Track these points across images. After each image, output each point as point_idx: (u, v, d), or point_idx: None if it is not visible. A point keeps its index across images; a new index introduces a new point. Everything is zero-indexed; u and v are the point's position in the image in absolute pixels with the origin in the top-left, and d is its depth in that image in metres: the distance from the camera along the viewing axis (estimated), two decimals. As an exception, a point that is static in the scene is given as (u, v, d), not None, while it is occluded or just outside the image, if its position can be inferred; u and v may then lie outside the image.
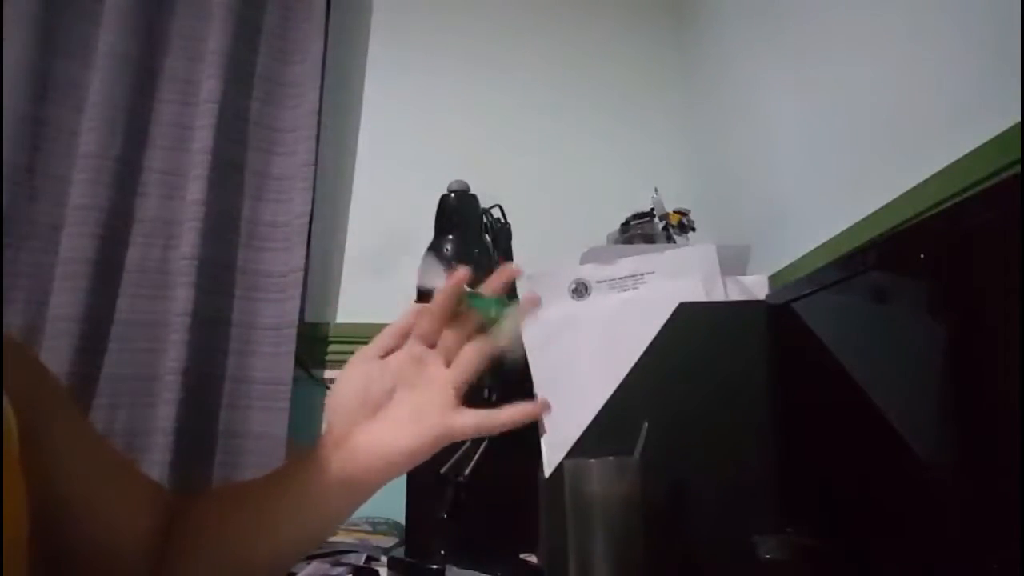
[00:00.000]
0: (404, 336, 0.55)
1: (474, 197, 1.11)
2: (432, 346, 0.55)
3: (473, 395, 0.57)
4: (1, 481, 0.39)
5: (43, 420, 0.48)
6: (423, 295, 0.58)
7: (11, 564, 0.41)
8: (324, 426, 0.53)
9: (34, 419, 0.46)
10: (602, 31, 1.64)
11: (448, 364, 0.54)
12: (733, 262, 0.85)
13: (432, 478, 0.89)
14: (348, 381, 0.53)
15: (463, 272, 0.54)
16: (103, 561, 0.52)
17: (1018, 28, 0.60)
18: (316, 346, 1.41)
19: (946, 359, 0.52)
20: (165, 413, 1.21)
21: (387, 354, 0.54)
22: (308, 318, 1.41)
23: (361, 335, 1.41)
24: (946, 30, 0.74)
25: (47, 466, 0.47)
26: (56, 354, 1.18)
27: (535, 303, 0.55)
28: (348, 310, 1.47)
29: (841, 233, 0.92)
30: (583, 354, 0.80)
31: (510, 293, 0.59)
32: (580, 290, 0.84)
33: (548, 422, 0.81)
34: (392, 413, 0.51)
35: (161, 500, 0.58)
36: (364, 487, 0.51)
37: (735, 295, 0.81)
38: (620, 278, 0.83)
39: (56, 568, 0.49)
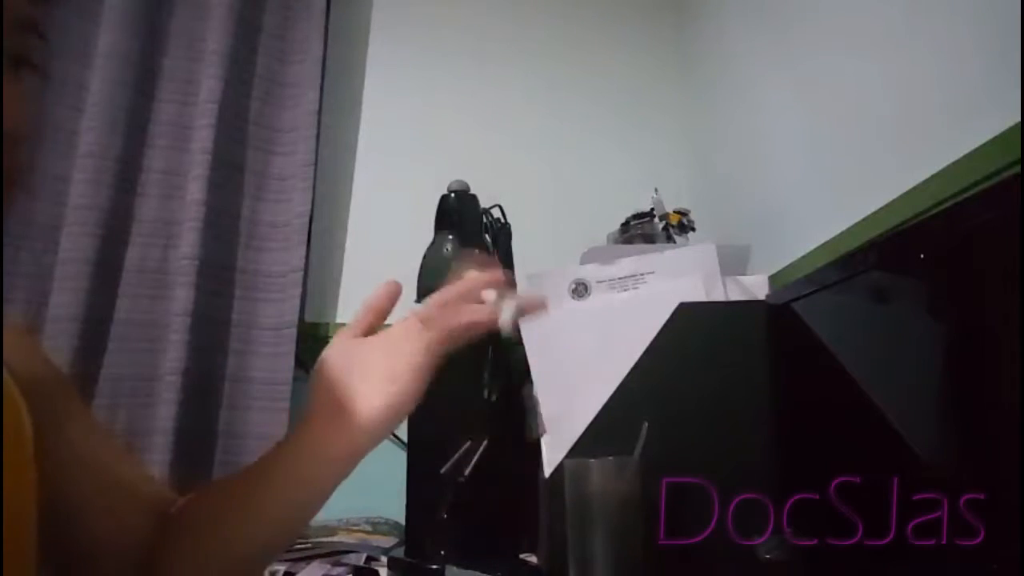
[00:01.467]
0: (382, 315, 0.56)
1: (474, 197, 1.11)
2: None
3: (473, 395, 0.57)
4: (1, 478, 0.39)
5: (48, 413, 0.48)
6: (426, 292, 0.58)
7: (21, 564, 0.41)
8: (309, 403, 0.53)
9: (40, 412, 0.46)
10: (602, 31, 1.64)
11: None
12: (733, 262, 0.85)
13: (432, 478, 0.89)
14: (329, 357, 0.53)
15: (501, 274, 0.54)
16: (101, 559, 0.52)
17: (1018, 28, 0.60)
18: (316, 346, 1.40)
19: (946, 359, 0.52)
20: (165, 413, 1.21)
21: (367, 332, 0.55)
22: (308, 318, 1.41)
23: (361, 335, 1.42)
24: (947, 30, 0.74)
25: (49, 461, 0.47)
26: (56, 354, 1.18)
27: (541, 305, 0.54)
28: (348, 310, 1.47)
29: (841, 233, 0.92)
30: (583, 354, 0.80)
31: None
32: (580, 290, 0.84)
33: (548, 422, 0.81)
34: (368, 376, 0.51)
35: (161, 499, 0.58)
36: (346, 456, 0.50)
37: (735, 295, 0.81)
38: (620, 278, 0.83)
39: (54, 566, 0.49)
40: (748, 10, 1.28)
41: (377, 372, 0.51)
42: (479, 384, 0.93)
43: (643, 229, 1.14)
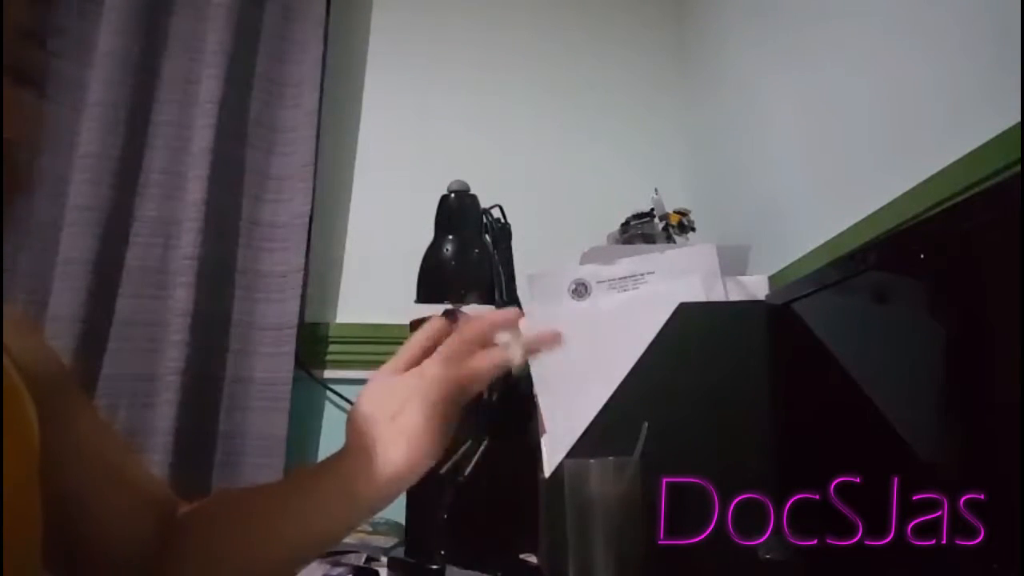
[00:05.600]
0: (427, 351, 0.53)
1: (474, 197, 1.11)
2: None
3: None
4: (2, 476, 0.39)
5: (53, 407, 0.48)
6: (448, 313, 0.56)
7: (26, 565, 0.41)
8: (345, 439, 0.52)
9: (46, 406, 0.46)
10: (602, 32, 1.64)
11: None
12: (733, 262, 0.84)
13: (432, 478, 0.89)
14: (366, 395, 0.52)
15: (514, 313, 0.53)
16: (100, 558, 0.52)
17: (1018, 28, 0.60)
18: (316, 346, 1.41)
19: (946, 359, 0.52)
20: (165, 413, 1.21)
21: (409, 367, 0.53)
22: (308, 318, 1.41)
23: (361, 335, 1.42)
24: (946, 30, 0.74)
25: (54, 455, 0.47)
26: (56, 354, 1.18)
27: (554, 340, 0.53)
28: (348, 310, 1.47)
29: (841, 233, 0.91)
30: (583, 354, 0.80)
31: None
32: (580, 290, 0.84)
33: (548, 422, 0.81)
34: (398, 428, 0.50)
35: (162, 498, 0.58)
36: (367, 502, 0.50)
37: (735, 295, 0.81)
38: (620, 278, 0.83)
39: (57, 563, 0.49)
40: (748, 10, 1.28)
41: (407, 425, 0.50)
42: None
43: (643, 229, 1.14)
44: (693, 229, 1.16)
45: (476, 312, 0.54)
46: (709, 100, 1.49)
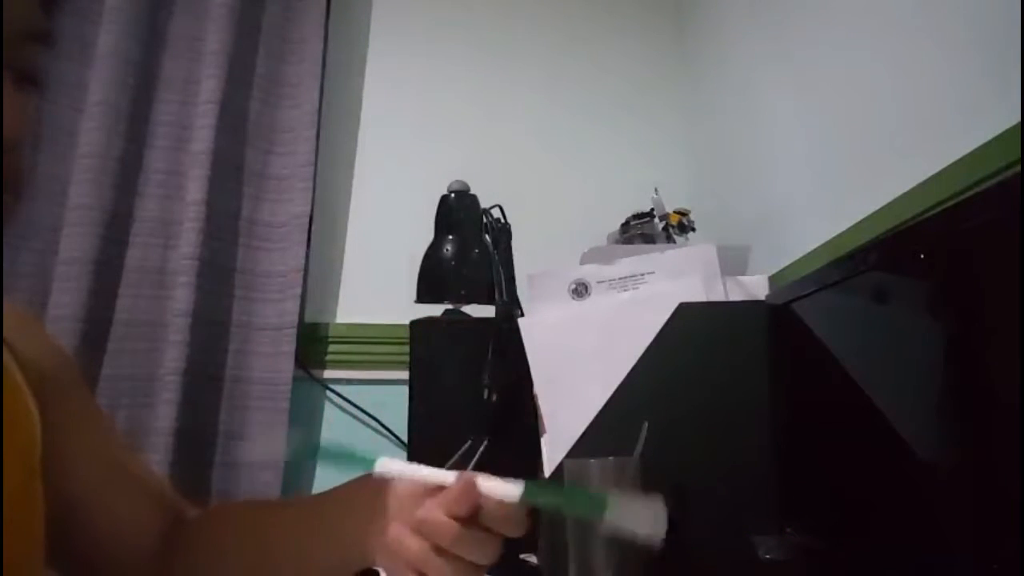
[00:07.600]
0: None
1: (474, 197, 1.11)
2: None
3: (473, 395, 0.56)
4: (1, 483, 0.39)
5: (56, 402, 0.47)
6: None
7: (28, 563, 0.41)
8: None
9: (48, 401, 0.46)
10: (602, 31, 1.64)
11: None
12: (733, 262, 0.85)
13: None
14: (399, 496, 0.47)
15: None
16: (105, 556, 0.52)
17: (1018, 28, 0.60)
18: (316, 346, 1.41)
19: (946, 359, 0.52)
20: (165, 413, 1.21)
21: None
22: (308, 318, 1.41)
23: (361, 335, 1.42)
24: (946, 30, 0.74)
25: (55, 450, 0.46)
26: (56, 354, 1.18)
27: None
28: (348, 310, 1.47)
29: (841, 233, 0.92)
30: (583, 354, 0.80)
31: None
32: (580, 290, 0.84)
33: (548, 422, 0.81)
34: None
35: (166, 497, 0.58)
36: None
37: (735, 295, 0.81)
38: (620, 278, 0.83)
39: (58, 562, 0.49)
40: (748, 10, 1.28)
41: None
42: (479, 384, 0.93)
43: (643, 229, 1.14)
44: (693, 229, 1.16)
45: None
46: (709, 100, 1.49)
